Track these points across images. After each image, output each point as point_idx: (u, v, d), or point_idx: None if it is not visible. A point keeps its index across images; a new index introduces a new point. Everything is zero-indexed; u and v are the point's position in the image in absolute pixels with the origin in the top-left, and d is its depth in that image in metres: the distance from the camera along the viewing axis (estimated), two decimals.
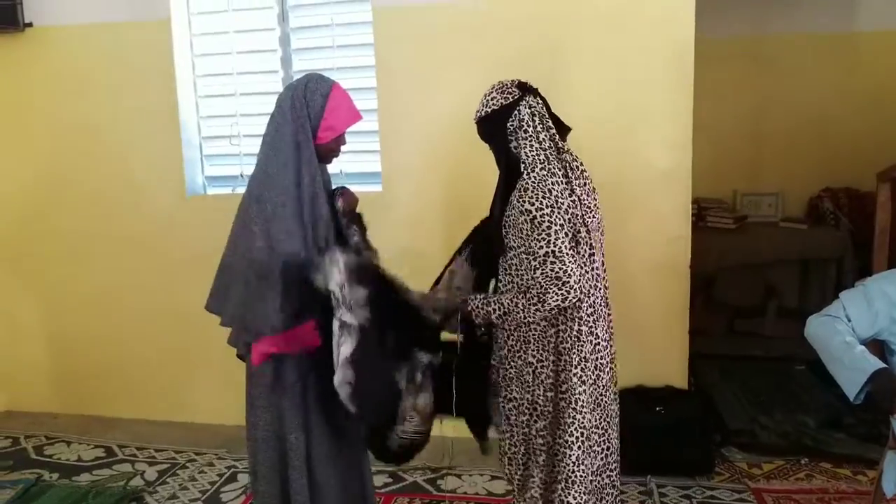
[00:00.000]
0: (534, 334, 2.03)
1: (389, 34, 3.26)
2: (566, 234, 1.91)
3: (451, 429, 2.24)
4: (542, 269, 1.89)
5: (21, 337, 3.94)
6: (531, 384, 2.05)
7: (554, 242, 1.89)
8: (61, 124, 3.68)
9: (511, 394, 2.12)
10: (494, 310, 2.01)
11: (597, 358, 2.04)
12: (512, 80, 2.07)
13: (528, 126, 2.00)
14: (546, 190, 1.92)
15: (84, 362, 3.84)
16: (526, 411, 2.07)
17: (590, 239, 2.03)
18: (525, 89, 2.04)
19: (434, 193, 3.31)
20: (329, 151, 2.10)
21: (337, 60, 3.45)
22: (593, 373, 2.03)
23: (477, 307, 2.04)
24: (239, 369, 2.23)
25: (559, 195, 1.94)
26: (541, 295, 1.90)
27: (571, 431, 2.00)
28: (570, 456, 2.00)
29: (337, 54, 3.45)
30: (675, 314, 3.17)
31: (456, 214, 3.24)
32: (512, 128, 2.02)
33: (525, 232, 1.93)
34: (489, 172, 2.39)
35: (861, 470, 2.99)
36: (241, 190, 3.53)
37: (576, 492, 2.01)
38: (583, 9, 3.07)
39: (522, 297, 1.94)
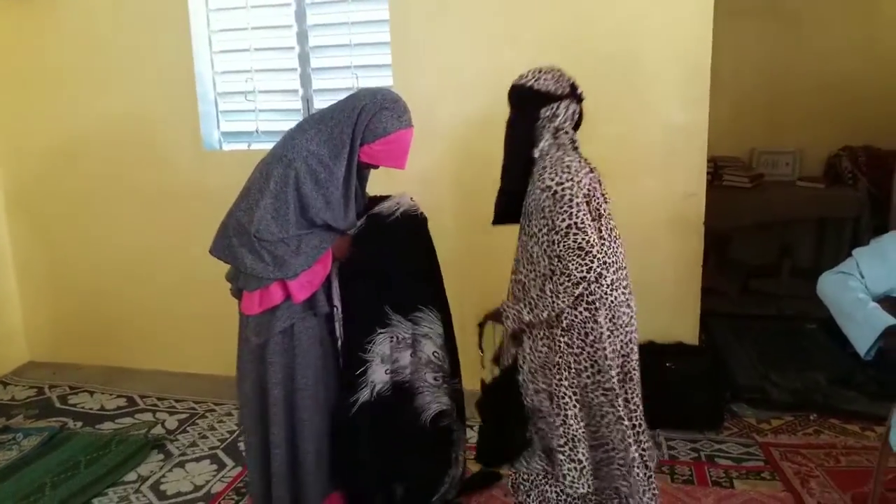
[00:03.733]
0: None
1: (406, 32, 3.24)
2: (586, 207, 1.93)
3: None
4: (565, 242, 1.90)
5: (44, 290, 4.03)
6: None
7: (576, 214, 1.90)
8: (78, 81, 3.70)
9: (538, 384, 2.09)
10: (525, 305, 2.01)
11: (627, 332, 2.05)
12: (569, 77, 2.08)
13: (560, 123, 2.03)
14: (564, 166, 1.94)
15: (106, 314, 3.93)
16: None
17: (610, 220, 2.05)
18: (574, 92, 2.06)
19: (450, 191, 3.29)
20: (364, 166, 2.24)
21: (351, 14, 3.42)
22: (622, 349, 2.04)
23: (508, 308, 2.07)
24: None
25: (577, 171, 1.95)
26: (564, 269, 1.91)
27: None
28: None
29: (350, 7, 3.42)
30: (688, 271, 3.18)
31: (472, 210, 3.22)
32: (545, 115, 2.03)
33: (548, 209, 1.94)
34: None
35: (870, 426, 3.02)
36: (258, 146, 3.59)
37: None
38: None
39: (549, 282, 1.94)
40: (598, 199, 2.00)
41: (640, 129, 3.06)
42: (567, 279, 1.91)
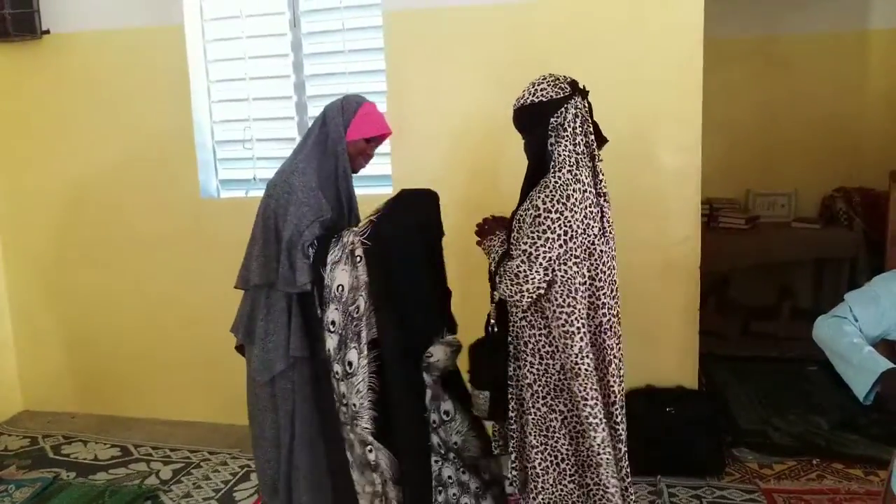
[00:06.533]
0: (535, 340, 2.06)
1: (399, 38, 3.28)
2: (560, 246, 1.91)
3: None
4: (511, 263, 1.95)
5: (40, 338, 4.01)
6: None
7: (537, 247, 1.90)
8: (78, 129, 3.74)
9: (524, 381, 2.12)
10: (495, 253, 2.12)
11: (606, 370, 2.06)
12: (564, 76, 2.03)
13: (570, 126, 1.97)
14: (565, 194, 1.91)
15: (101, 363, 3.90)
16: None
17: (602, 258, 2.03)
18: (575, 88, 2.01)
19: (444, 196, 3.32)
20: (357, 154, 2.32)
21: (348, 65, 3.48)
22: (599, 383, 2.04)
23: (497, 237, 2.16)
24: None
25: (576, 203, 1.92)
26: (499, 280, 2.01)
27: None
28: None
29: (348, 59, 3.48)
30: (685, 315, 3.17)
31: (467, 217, 3.27)
32: (555, 123, 1.97)
33: (525, 224, 1.96)
34: (500, 175, 2.42)
35: (873, 471, 2.98)
36: (255, 193, 3.62)
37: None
38: (593, 11, 3.08)
39: (504, 267, 2.02)
40: (591, 236, 1.98)
41: (635, 176, 3.08)
42: (499, 286, 2.01)
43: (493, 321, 2.17)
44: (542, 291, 1.95)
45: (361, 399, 2.10)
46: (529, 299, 1.94)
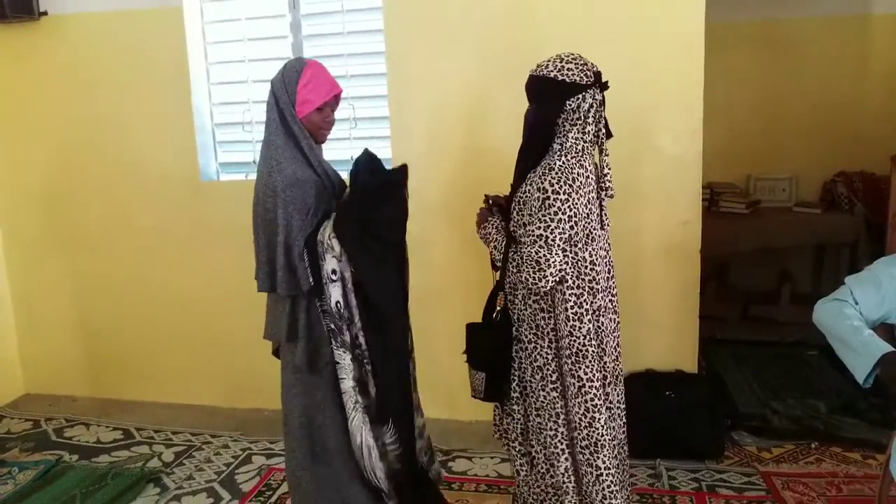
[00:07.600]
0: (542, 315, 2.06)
1: (399, 20, 3.26)
2: (570, 227, 1.92)
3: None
4: (528, 250, 1.93)
5: (42, 322, 4.01)
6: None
7: (552, 230, 1.90)
8: (76, 112, 3.72)
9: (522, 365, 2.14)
10: (495, 241, 2.13)
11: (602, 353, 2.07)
12: (592, 63, 2.02)
13: (584, 114, 1.97)
14: (570, 177, 1.92)
15: (102, 346, 3.92)
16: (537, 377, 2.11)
17: (600, 242, 2.04)
18: (598, 79, 2.00)
19: (443, 179, 3.32)
20: (315, 129, 2.13)
21: (348, 46, 3.46)
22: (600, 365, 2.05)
23: (491, 224, 2.16)
24: (254, 353, 2.28)
25: (580, 187, 1.94)
26: (514, 268, 2.02)
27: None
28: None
29: (347, 40, 3.46)
30: (685, 299, 3.17)
31: (465, 196, 3.27)
32: (570, 107, 1.96)
33: (532, 208, 1.94)
34: (499, 157, 2.40)
35: (871, 454, 2.99)
36: (255, 176, 3.61)
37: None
38: None
39: (518, 254, 2.03)
40: (592, 221, 2.00)
41: (636, 161, 3.07)
42: (518, 274, 2.00)
43: (499, 307, 2.17)
44: (564, 274, 1.95)
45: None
46: (553, 283, 1.94)
